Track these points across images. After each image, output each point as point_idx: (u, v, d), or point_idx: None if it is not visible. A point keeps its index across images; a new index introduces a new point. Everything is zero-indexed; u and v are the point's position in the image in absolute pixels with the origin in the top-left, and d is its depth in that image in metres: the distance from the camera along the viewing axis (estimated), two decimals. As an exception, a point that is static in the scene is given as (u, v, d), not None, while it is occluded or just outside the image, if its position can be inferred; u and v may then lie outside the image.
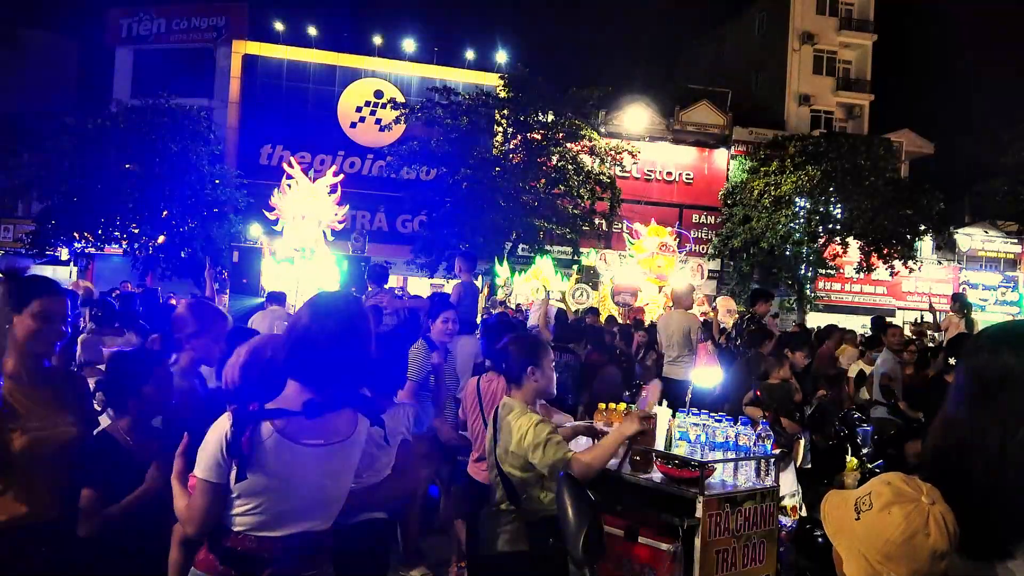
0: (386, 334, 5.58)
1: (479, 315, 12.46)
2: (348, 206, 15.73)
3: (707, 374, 7.07)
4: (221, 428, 1.98)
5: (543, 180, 23.34)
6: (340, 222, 15.40)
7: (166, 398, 2.81)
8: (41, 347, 2.41)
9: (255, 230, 17.32)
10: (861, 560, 1.35)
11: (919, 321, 13.33)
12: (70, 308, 2.50)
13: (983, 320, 18.69)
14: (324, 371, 2.10)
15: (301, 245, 13.77)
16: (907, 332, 10.13)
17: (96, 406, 2.71)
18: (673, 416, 3.87)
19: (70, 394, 2.50)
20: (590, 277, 20.02)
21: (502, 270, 18.26)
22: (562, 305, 11.51)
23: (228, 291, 12.37)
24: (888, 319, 13.02)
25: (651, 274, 17.11)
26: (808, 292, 27.65)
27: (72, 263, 25.57)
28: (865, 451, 6.06)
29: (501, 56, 29.31)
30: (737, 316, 11.89)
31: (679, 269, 18.13)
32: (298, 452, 2.01)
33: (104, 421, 2.77)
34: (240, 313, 9.39)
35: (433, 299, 6.17)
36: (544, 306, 9.23)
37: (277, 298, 9.03)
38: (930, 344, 10.57)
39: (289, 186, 14.48)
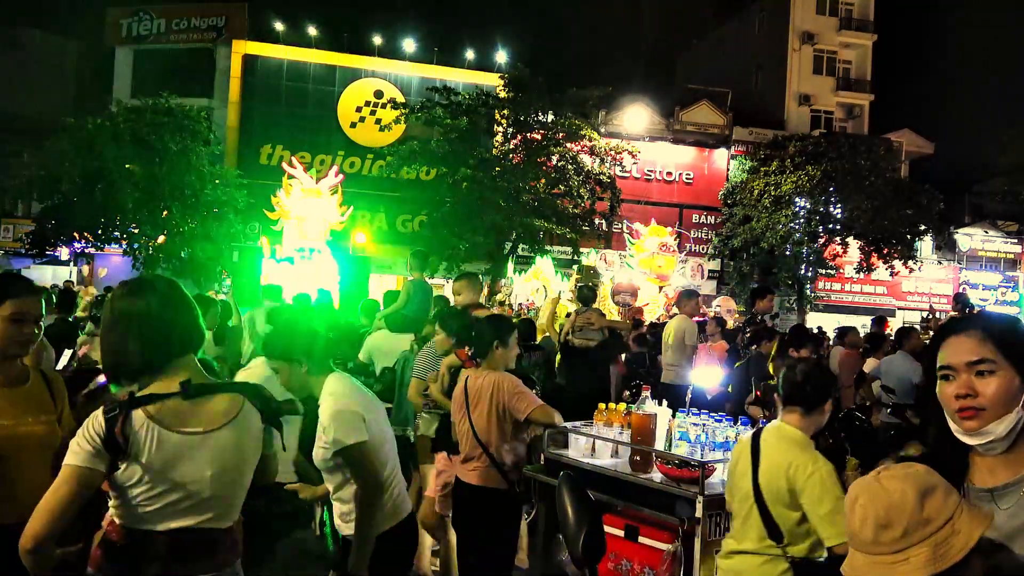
0: None
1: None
2: (352, 207, 15.76)
3: (707, 374, 7.07)
4: (94, 419, 1.90)
5: (543, 180, 23.34)
6: (342, 222, 15.42)
7: None
8: (13, 349, 2.38)
9: (255, 230, 17.35)
10: None
11: (928, 318, 13.36)
12: (44, 309, 2.46)
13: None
14: (172, 345, 2.02)
15: (303, 245, 13.78)
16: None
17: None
18: (673, 416, 3.87)
19: (47, 393, 2.47)
20: (590, 277, 19.99)
21: (510, 272, 18.32)
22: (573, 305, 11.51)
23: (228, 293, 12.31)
24: (888, 319, 13.02)
25: (651, 274, 17.11)
26: (808, 292, 27.66)
27: (72, 263, 25.57)
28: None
29: (501, 56, 29.31)
30: (738, 316, 11.87)
31: (679, 270, 18.14)
32: (176, 440, 1.92)
33: None
34: None
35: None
36: (553, 305, 9.22)
37: (273, 294, 8.90)
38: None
39: (292, 186, 14.49)
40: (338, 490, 2.83)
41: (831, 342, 9.58)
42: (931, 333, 10.93)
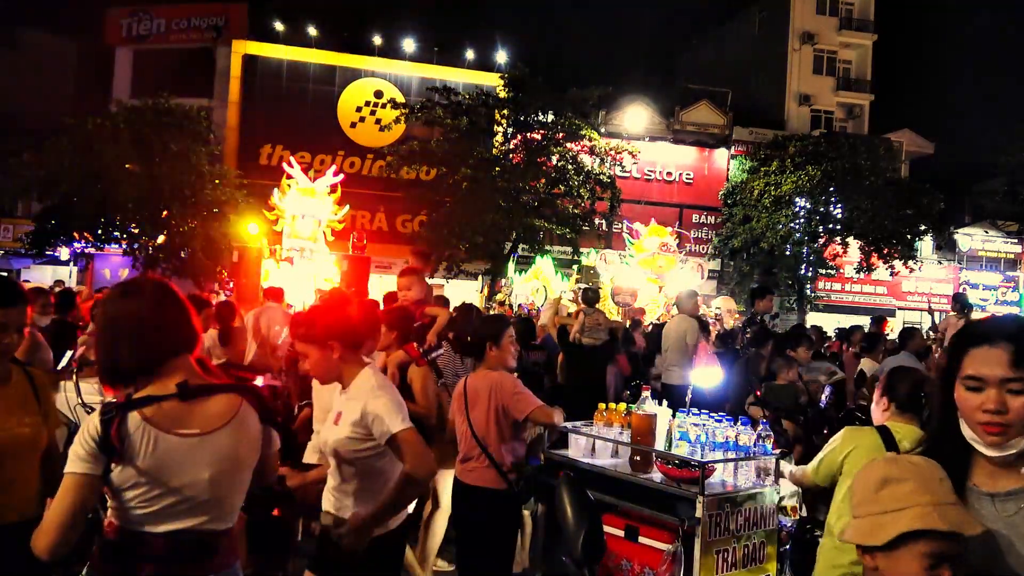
0: None
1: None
2: (348, 206, 15.72)
3: (707, 374, 7.06)
4: (91, 423, 1.90)
5: (543, 180, 23.33)
6: (340, 222, 15.40)
7: None
8: None
9: (255, 230, 17.33)
10: None
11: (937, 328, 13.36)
12: (27, 316, 2.41)
13: (983, 320, 18.64)
14: (164, 346, 2.01)
15: (300, 245, 13.76)
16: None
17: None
18: (673, 416, 3.86)
19: (31, 392, 2.45)
20: (590, 277, 20.00)
21: (512, 272, 18.32)
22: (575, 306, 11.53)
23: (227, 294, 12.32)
24: (887, 319, 13.00)
25: (651, 274, 17.09)
26: (808, 292, 27.66)
27: (72, 263, 25.56)
28: None
29: (501, 56, 29.31)
30: (738, 316, 11.87)
31: (679, 269, 18.11)
32: (172, 443, 1.91)
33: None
34: None
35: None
36: (555, 306, 9.23)
37: (274, 295, 8.94)
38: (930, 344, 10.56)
39: (290, 186, 14.47)
40: (344, 482, 2.79)
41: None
42: (934, 336, 10.94)
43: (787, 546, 3.80)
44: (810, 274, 27.42)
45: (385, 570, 2.80)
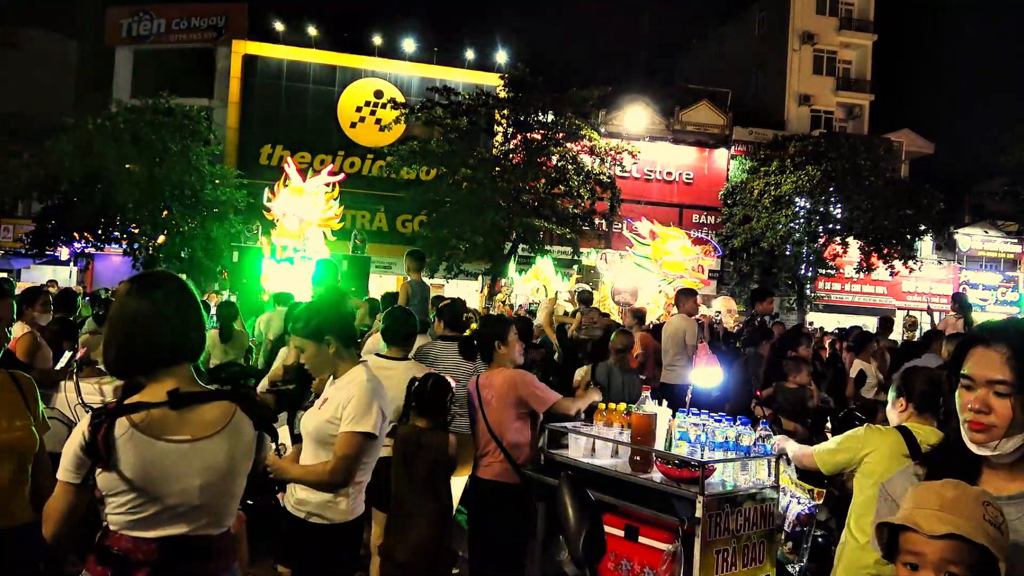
0: None
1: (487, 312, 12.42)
2: (341, 205, 15.65)
3: (707, 374, 7.06)
4: (80, 428, 1.88)
5: (543, 180, 23.33)
6: (338, 220, 15.34)
7: None
8: None
9: (255, 230, 17.30)
10: None
11: (909, 316, 13.49)
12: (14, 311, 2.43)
13: (983, 320, 18.66)
14: (167, 351, 1.99)
15: (288, 244, 13.69)
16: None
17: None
18: (673, 416, 3.87)
19: (18, 397, 2.45)
20: (590, 277, 20.02)
21: (512, 272, 18.30)
22: (571, 306, 11.53)
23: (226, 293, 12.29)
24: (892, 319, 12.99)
25: (689, 276, 17.02)
26: (808, 292, 27.66)
27: (72, 263, 25.57)
28: None
29: (501, 56, 29.31)
30: (738, 316, 11.88)
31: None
32: (160, 449, 1.89)
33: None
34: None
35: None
36: (551, 305, 9.24)
37: (283, 300, 8.93)
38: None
39: (285, 185, 14.43)
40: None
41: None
42: (909, 333, 10.95)
43: (805, 527, 3.77)
44: (810, 274, 27.43)
45: (341, 557, 2.89)
